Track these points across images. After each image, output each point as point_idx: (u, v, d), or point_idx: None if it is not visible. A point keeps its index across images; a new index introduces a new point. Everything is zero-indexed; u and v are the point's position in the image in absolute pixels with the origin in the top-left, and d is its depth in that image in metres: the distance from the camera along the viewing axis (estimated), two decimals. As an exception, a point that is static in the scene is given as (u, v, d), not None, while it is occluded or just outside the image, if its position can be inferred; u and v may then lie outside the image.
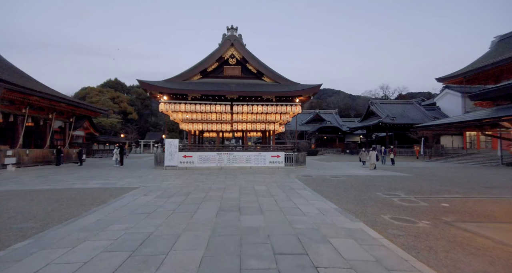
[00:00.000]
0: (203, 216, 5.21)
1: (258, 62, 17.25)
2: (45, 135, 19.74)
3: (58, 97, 18.34)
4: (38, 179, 11.03)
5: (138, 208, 5.89)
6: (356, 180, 10.97)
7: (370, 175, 12.93)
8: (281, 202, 6.63)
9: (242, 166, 15.79)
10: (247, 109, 16.34)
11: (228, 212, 5.53)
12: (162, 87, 15.33)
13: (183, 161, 15.50)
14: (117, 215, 5.28)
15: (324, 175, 12.56)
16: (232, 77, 17.64)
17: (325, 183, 10.21)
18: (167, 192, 7.83)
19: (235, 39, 16.99)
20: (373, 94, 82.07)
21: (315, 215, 5.42)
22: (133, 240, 3.89)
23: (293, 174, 13.07)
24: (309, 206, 6.22)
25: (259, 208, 5.96)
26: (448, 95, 35.13)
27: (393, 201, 7.08)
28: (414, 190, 8.81)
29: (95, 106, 24.69)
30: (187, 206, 6.12)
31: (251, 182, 10.03)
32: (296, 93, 16.05)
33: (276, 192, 8.05)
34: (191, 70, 16.85)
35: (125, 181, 10.21)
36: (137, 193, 7.69)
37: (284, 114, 16.97)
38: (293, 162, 16.35)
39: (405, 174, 13.35)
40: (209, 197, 7.17)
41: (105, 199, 6.90)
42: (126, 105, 52.83)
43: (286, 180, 10.82)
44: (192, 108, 16.00)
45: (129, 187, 8.82)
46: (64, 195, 7.44)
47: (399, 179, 11.49)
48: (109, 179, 10.96)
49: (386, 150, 22.44)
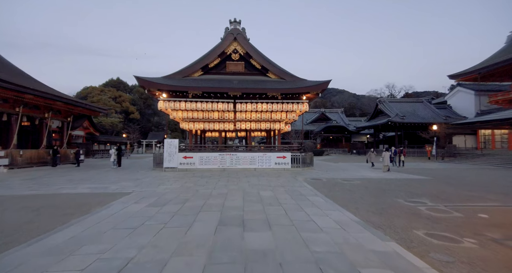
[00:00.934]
0: (199, 233, 4.31)
1: (262, 57, 16.31)
2: (41, 135, 19.03)
3: (54, 95, 17.61)
4: (26, 182, 10.24)
5: (124, 221, 5.01)
6: (370, 184, 9.99)
7: (384, 178, 11.92)
8: (292, 212, 5.70)
9: (246, 167, 14.87)
10: (251, 107, 15.42)
11: (230, 227, 4.62)
12: (161, 83, 14.48)
13: (183, 162, 14.64)
14: (96, 231, 4.40)
15: (335, 178, 11.58)
16: (235, 73, 16.72)
17: (337, 187, 9.25)
18: (162, 199, 6.95)
19: (238, 32, 16.06)
20: (379, 93, 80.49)
21: (334, 231, 4.48)
22: (106, 270, 3.00)
23: (300, 176, 12.12)
24: (324, 218, 5.28)
25: (266, 220, 5.04)
26: (460, 93, 33.79)
27: (420, 211, 6.11)
28: (439, 196, 7.81)
29: (94, 105, 23.97)
30: (182, 218, 5.22)
31: (255, 186, 9.11)
32: (303, 90, 15.08)
33: (284, 198, 7.12)
34: (191, 66, 15.98)
35: (118, 185, 9.37)
36: (128, 200, 6.82)
37: (291, 112, 16.01)
38: (300, 163, 15.39)
39: (422, 177, 12.30)
40: (209, 205, 6.26)
41: (90, 208, 6.03)
42: (128, 104, 52.24)
43: (294, 184, 9.88)
44: (192, 106, 15.13)
45: (121, 193, 7.96)
46: (46, 203, 6.60)
47: (417, 183, 10.48)
48: (102, 182, 10.13)
49: (396, 150, 21.15)
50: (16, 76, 17.74)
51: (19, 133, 18.26)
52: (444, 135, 27.07)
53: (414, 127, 31.19)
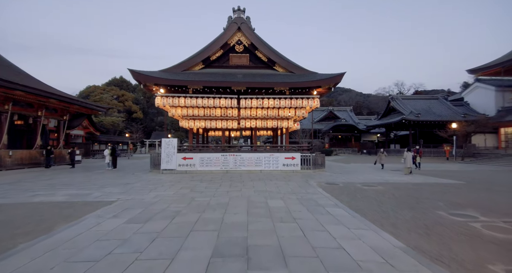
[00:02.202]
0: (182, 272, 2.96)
1: (269, 48, 14.90)
2: (35, 134, 18.03)
3: (47, 92, 16.55)
4: (3, 187, 9.08)
5: (86, 247, 3.70)
6: (397, 191, 8.51)
7: (409, 182, 10.40)
8: (311, 233, 4.31)
9: (251, 169, 13.52)
10: (256, 103, 14.05)
11: (228, 260, 3.26)
12: (158, 77, 13.23)
13: (182, 163, 13.36)
14: (36, 268, 3.08)
15: (353, 183, 10.12)
16: (239, 66, 15.36)
17: (359, 194, 7.81)
18: (148, 212, 5.64)
19: (242, 22, 14.68)
20: (387, 91, 78.18)
21: (378, 268, 3.08)
22: None
23: (312, 180, 10.69)
24: (357, 243, 3.89)
25: (279, 248, 3.66)
26: (478, 89, 31.73)
27: (477, 230, 4.67)
28: (489, 207, 6.32)
29: (91, 103, 22.93)
30: (165, 242, 3.88)
31: (262, 193, 7.74)
32: (314, 84, 13.63)
33: (299, 211, 5.73)
34: (191, 59, 14.68)
35: (103, 191, 8.11)
36: (105, 213, 5.53)
37: (300, 108, 14.58)
38: (311, 164, 13.96)
39: (454, 181, 10.75)
40: (204, 222, 4.92)
41: (54, 225, 4.76)
42: (130, 103, 51.38)
43: (307, 189, 8.47)
44: (193, 103, 13.84)
45: (102, 201, 6.70)
46: (2, 216, 5.36)
47: (452, 189, 8.96)
48: (87, 187, 8.90)
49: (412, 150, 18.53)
50: (8, 73, 16.75)
51: (12, 133, 17.30)
52: (464, 134, 25.22)
53: (430, 126, 29.31)
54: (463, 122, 25.76)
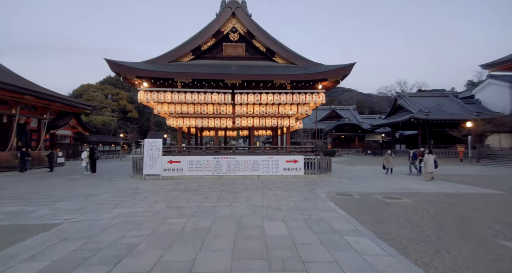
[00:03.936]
0: None
1: (267, 37, 13.14)
2: (9, 134, 16.29)
3: (19, 87, 14.81)
4: None
5: None
6: (430, 205, 6.73)
7: (438, 192, 8.61)
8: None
9: (247, 174, 11.77)
10: (253, 99, 12.28)
11: None
12: (139, 69, 11.48)
13: (168, 168, 11.61)
14: None
15: (370, 193, 8.34)
16: (234, 57, 13.60)
17: (383, 212, 6.04)
18: (89, 246, 3.88)
19: (237, 6, 12.90)
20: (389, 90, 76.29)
21: None
22: None
23: (320, 189, 8.93)
24: None
25: None
26: (491, 86, 29.89)
27: None
28: None
29: (76, 101, 21.17)
30: None
31: (258, 211, 5.98)
32: (319, 76, 11.86)
33: (308, 244, 3.96)
34: (180, 49, 12.91)
35: (54, 208, 6.35)
36: (24, 250, 3.77)
37: (303, 105, 12.81)
38: (315, 169, 12.19)
39: (489, 191, 8.96)
40: (161, 270, 3.15)
41: None
42: (125, 102, 49.57)
43: (316, 204, 6.70)
44: (181, 98, 12.09)
45: (41, 225, 4.96)
46: None
47: (496, 202, 7.20)
48: (38, 201, 7.13)
49: (415, 153, 14.98)
50: None
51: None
52: (478, 134, 23.40)
53: (440, 125, 27.46)
54: (479, 120, 23.94)
